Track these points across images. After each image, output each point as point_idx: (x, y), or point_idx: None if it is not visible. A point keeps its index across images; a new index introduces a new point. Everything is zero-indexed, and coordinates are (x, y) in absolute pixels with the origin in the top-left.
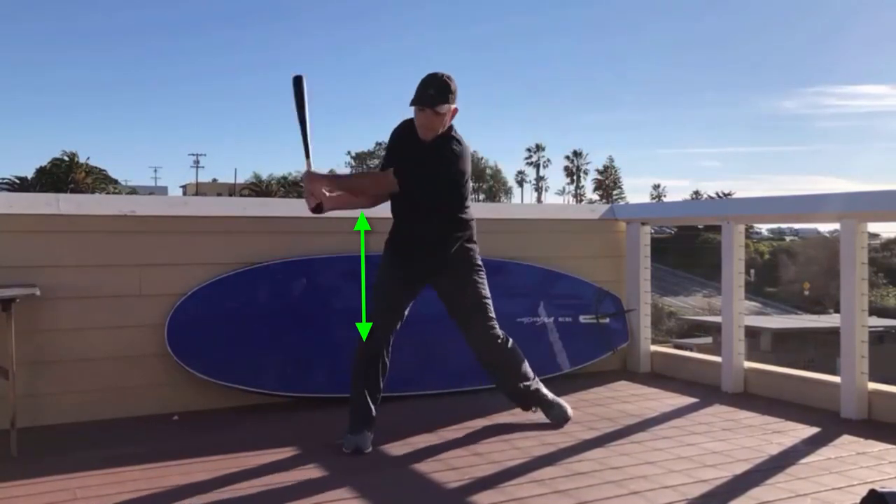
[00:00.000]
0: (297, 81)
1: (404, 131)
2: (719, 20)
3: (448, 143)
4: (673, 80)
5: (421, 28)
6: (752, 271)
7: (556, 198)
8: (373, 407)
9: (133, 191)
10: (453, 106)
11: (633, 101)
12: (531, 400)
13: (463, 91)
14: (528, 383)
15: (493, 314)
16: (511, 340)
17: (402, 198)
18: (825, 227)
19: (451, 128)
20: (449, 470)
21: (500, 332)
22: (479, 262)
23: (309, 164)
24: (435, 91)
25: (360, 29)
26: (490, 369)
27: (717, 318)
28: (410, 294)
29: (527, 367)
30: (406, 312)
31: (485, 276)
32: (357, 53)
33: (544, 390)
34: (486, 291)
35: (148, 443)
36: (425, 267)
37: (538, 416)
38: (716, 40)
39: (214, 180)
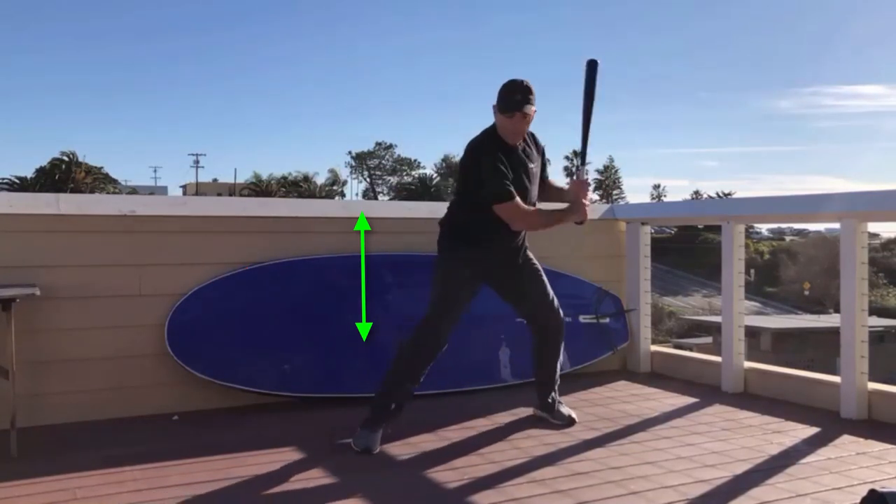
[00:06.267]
0: (591, 67)
1: (499, 144)
2: (716, 20)
3: (535, 140)
4: (671, 79)
5: (420, 28)
6: (752, 271)
7: None
8: (408, 402)
9: (133, 191)
10: (534, 108)
11: (632, 101)
12: (552, 391)
13: (464, 91)
14: (554, 378)
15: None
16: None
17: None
18: (816, 227)
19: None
20: (449, 470)
21: (559, 306)
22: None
23: (584, 172)
24: (522, 96)
25: (360, 28)
26: (541, 339)
27: (717, 318)
28: (476, 294)
29: (560, 361)
30: None
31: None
32: (357, 53)
33: (557, 394)
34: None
35: (148, 443)
36: (510, 261)
37: (539, 415)
38: (713, 40)
39: (214, 180)
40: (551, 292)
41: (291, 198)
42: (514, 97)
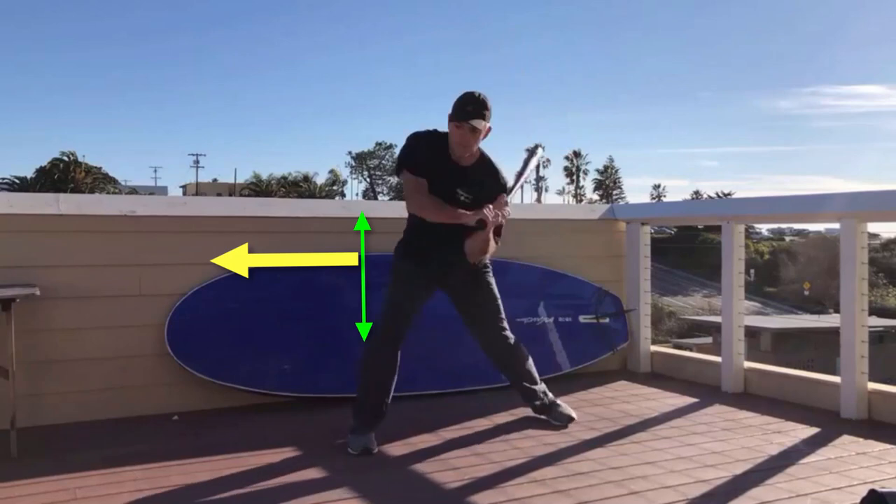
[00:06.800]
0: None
1: (435, 143)
2: (716, 20)
3: (496, 177)
4: (671, 79)
5: (420, 27)
6: (752, 271)
7: (556, 198)
8: (384, 408)
9: (133, 191)
10: (488, 124)
11: (632, 100)
12: (537, 400)
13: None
14: (535, 386)
15: (503, 314)
16: (517, 340)
17: None
18: (816, 227)
19: (479, 149)
20: (449, 470)
21: (509, 332)
22: (488, 264)
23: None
24: (473, 108)
25: (360, 28)
26: (499, 367)
27: (717, 318)
28: (427, 297)
29: (532, 368)
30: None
31: (493, 278)
32: (357, 53)
33: (549, 393)
34: (497, 292)
35: (148, 443)
36: (449, 269)
37: (539, 415)
38: (713, 39)
39: (214, 180)
40: (503, 319)
41: (291, 198)
42: (466, 108)
